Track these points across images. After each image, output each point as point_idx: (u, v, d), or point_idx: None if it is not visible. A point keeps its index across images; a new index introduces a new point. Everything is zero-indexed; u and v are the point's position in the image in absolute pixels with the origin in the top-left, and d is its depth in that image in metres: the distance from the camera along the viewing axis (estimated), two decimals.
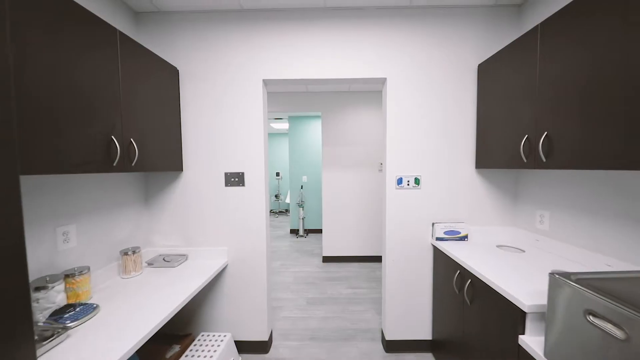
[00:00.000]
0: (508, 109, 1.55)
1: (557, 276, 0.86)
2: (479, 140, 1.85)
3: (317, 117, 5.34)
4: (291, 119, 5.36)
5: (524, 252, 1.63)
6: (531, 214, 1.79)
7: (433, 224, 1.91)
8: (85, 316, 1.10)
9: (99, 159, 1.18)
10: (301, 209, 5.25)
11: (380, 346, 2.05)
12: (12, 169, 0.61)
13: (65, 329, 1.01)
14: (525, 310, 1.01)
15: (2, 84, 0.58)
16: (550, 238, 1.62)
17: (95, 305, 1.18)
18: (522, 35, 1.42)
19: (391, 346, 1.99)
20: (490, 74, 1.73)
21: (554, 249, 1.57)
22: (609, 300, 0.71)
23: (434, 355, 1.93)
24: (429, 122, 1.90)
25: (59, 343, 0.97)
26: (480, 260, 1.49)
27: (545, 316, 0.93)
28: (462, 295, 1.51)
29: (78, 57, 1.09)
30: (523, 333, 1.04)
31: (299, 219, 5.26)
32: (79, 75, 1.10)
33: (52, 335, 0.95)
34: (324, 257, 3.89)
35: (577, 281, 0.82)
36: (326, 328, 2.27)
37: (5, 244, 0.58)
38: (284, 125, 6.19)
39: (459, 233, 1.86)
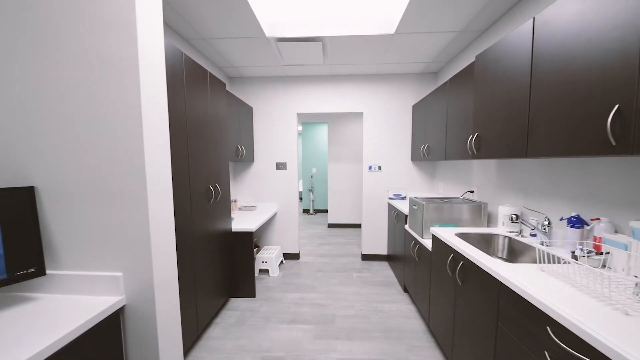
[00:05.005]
0: (420, 129, 3.15)
1: (408, 195, 2.48)
2: (412, 145, 3.45)
3: (324, 122, 6.93)
4: (304, 123, 6.97)
5: None
6: (437, 185, 3.39)
7: (388, 190, 3.53)
8: (233, 219, 2.77)
9: (234, 155, 2.83)
10: (311, 193, 6.90)
11: (360, 259, 3.70)
12: (227, 159, 2.26)
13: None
14: (405, 212, 2.64)
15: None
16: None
17: (233, 217, 2.85)
18: (433, 91, 3.00)
19: (365, 258, 3.64)
20: (417, 111, 3.31)
21: None
22: (414, 198, 2.34)
23: (389, 263, 3.56)
24: (386, 135, 3.51)
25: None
26: (405, 206, 3.10)
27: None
28: (394, 222, 3.13)
29: (233, 113, 2.74)
30: (406, 223, 2.66)
31: (310, 200, 6.91)
32: (233, 119, 2.74)
33: None
34: (328, 224, 5.55)
35: (416, 198, 2.44)
36: (330, 253, 3.93)
37: (225, 187, 2.23)
38: (297, 128, 7.80)
39: (401, 195, 3.48)
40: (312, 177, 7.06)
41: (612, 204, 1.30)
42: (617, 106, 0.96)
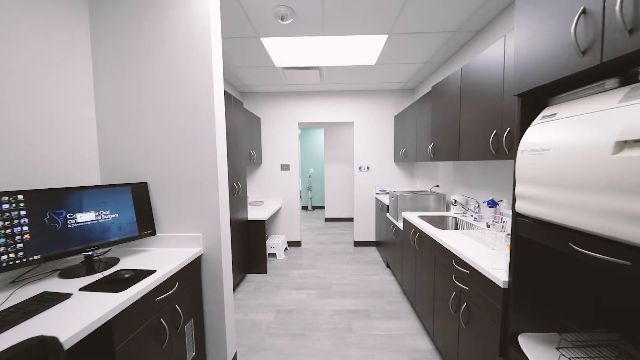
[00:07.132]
0: (400, 136, 3.82)
1: (390, 190, 3.15)
2: (394, 149, 4.13)
3: (321, 127, 7.58)
4: (302, 128, 7.61)
5: None
6: (415, 182, 4.08)
7: (375, 187, 4.20)
8: (248, 211, 3.41)
9: (247, 158, 3.48)
10: (309, 191, 7.55)
11: (352, 245, 4.37)
12: (244, 163, 2.91)
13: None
14: (387, 204, 3.31)
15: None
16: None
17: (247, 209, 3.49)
18: (407, 106, 3.68)
19: (356, 244, 4.31)
20: (398, 121, 3.98)
21: None
22: (393, 192, 3.01)
23: (376, 247, 4.22)
24: (373, 140, 4.18)
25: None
26: (388, 200, 3.76)
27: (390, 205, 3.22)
28: (379, 212, 3.80)
29: (245, 123, 3.38)
30: (388, 212, 3.33)
31: (308, 198, 7.56)
32: (246, 129, 3.39)
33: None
34: (325, 218, 6.21)
35: (394, 192, 3.11)
36: (327, 241, 4.59)
37: (243, 184, 2.88)
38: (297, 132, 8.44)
39: (386, 191, 4.15)
40: (310, 176, 7.71)
41: (510, 190, 1.98)
42: (495, 131, 1.64)
